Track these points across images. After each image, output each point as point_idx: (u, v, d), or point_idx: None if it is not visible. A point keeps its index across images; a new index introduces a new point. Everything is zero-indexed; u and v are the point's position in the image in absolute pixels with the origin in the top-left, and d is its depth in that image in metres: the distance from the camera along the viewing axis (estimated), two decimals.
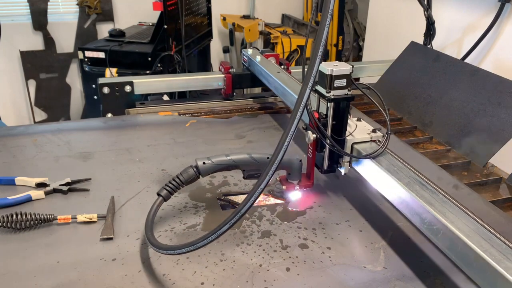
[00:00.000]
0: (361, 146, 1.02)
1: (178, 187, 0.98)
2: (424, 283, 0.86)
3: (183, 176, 0.98)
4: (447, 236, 0.75)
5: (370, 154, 0.97)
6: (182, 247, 0.80)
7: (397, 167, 0.94)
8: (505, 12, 1.88)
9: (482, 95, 1.43)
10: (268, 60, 1.66)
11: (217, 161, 0.99)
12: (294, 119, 0.80)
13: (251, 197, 0.78)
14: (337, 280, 0.86)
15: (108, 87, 1.61)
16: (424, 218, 0.80)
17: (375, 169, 0.96)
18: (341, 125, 1.03)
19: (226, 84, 1.71)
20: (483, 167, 1.33)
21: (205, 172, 0.99)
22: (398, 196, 0.88)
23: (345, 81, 1.00)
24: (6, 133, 1.44)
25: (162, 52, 3.03)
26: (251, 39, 3.97)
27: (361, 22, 4.27)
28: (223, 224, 0.78)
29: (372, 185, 0.99)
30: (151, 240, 0.86)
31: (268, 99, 1.78)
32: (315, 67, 0.79)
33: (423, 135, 1.54)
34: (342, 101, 1.01)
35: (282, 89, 1.42)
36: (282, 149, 0.79)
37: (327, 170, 1.08)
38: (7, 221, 0.95)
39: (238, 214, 0.77)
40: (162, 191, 0.97)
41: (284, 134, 0.79)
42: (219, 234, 0.78)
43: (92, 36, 3.99)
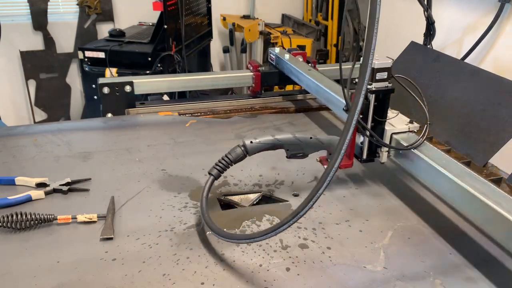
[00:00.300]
0: (400, 136, 1.09)
1: (228, 166, 1.01)
2: (424, 283, 0.86)
3: (231, 155, 1.02)
4: (504, 226, 0.78)
5: (412, 145, 1.03)
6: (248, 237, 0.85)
7: (443, 158, 1.00)
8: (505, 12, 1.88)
9: (482, 95, 1.43)
10: (296, 58, 1.69)
11: (263, 140, 1.04)
12: (355, 111, 0.81)
13: (323, 183, 0.79)
14: (337, 280, 0.86)
15: (108, 87, 1.61)
16: (478, 208, 0.83)
17: (419, 159, 1.01)
18: (381, 116, 1.09)
19: (255, 82, 1.74)
20: (483, 167, 1.33)
21: (252, 151, 1.03)
22: (448, 186, 0.93)
23: (386, 74, 1.06)
24: (6, 133, 1.44)
25: (162, 52, 3.03)
26: (251, 39, 3.97)
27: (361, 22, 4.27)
28: (303, 205, 0.78)
29: (414, 175, 1.04)
30: (209, 223, 0.91)
31: (297, 96, 1.82)
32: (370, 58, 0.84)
33: None
34: (383, 92, 1.07)
35: (315, 86, 1.45)
36: (350, 131, 0.80)
37: (366, 160, 1.13)
38: (7, 221, 0.95)
39: (316, 196, 0.78)
40: (213, 170, 1.00)
41: (347, 123, 0.81)
42: (299, 216, 0.79)
43: (92, 36, 3.98)
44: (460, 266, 0.90)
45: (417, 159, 1.02)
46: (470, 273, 0.89)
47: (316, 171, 1.25)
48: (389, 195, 1.15)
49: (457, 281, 0.86)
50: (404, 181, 1.22)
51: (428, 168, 0.99)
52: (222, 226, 1.00)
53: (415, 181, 1.22)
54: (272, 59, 1.79)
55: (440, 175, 0.95)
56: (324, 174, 0.79)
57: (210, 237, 0.97)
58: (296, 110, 1.72)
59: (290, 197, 1.13)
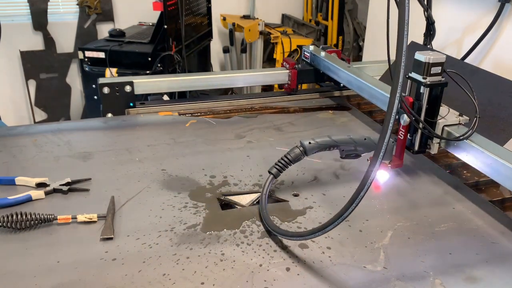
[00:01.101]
0: (451, 128, 1.14)
1: (287, 165, 1.07)
2: (424, 283, 0.86)
3: (290, 156, 1.07)
4: None
5: (463, 135, 1.08)
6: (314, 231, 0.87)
7: (495, 147, 1.06)
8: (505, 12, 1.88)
9: (482, 95, 1.43)
10: (332, 56, 1.73)
11: (321, 141, 1.09)
12: (392, 109, 0.84)
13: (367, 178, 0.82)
14: (337, 280, 0.86)
15: (108, 87, 1.61)
16: None
17: (472, 148, 1.08)
18: (434, 109, 1.14)
19: (291, 79, 1.77)
20: None
21: (310, 151, 1.08)
22: (505, 172, 0.99)
23: (440, 69, 1.11)
24: (6, 133, 1.44)
25: (162, 52, 3.03)
26: (251, 39, 3.98)
27: (361, 22, 4.27)
28: (350, 203, 0.83)
29: (469, 163, 1.10)
30: (267, 220, 0.97)
31: (334, 93, 1.85)
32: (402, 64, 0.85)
33: None
34: (437, 86, 1.12)
35: (357, 82, 1.51)
36: (388, 132, 0.83)
37: (418, 151, 1.18)
38: (7, 221, 0.95)
39: (361, 194, 0.83)
40: (273, 169, 1.06)
41: (385, 121, 0.83)
42: (348, 213, 0.83)
43: (92, 36, 3.99)
44: (460, 266, 0.90)
45: (470, 149, 1.08)
46: (470, 273, 0.89)
47: (316, 171, 1.25)
48: (389, 195, 1.15)
49: (457, 281, 0.86)
50: (404, 181, 1.22)
51: (482, 156, 1.05)
52: (222, 226, 1.00)
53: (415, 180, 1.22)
54: (307, 56, 1.83)
55: (496, 162, 1.02)
56: (365, 175, 0.82)
57: (210, 237, 0.97)
58: (296, 110, 1.72)
59: (290, 197, 1.13)
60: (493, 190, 1.24)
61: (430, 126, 1.13)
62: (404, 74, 0.88)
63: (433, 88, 1.11)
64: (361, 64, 2.03)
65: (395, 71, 0.87)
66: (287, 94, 1.81)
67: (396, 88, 0.84)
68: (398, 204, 1.12)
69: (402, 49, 0.84)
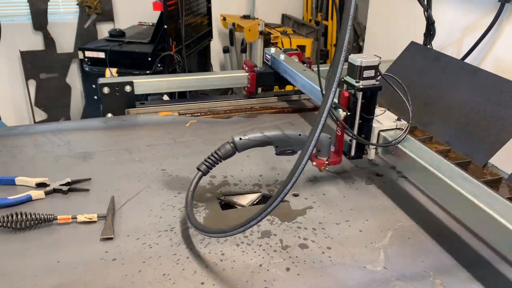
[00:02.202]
0: (388, 133, 1.10)
1: (217, 162, 1.03)
2: (424, 283, 0.86)
3: (221, 151, 1.03)
4: (494, 227, 0.77)
5: (394, 140, 1.05)
6: (232, 228, 0.83)
7: (427, 152, 1.02)
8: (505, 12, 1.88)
9: (482, 95, 1.43)
10: (292, 59, 1.69)
11: (252, 137, 1.05)
12: (325, 107, 0.82)
13: (291, 178, 0.79)
14: (337, 280, 0.86)
15: (108, 87, 1.61)
16: (470, 211, 0.83)
17: (404, 154, 1.03)
18: (369, 113, 1.10)
19: (250, 82, 1.74)
20: (483, 167, 1.33)
21: (241, 147, 1.04)
22: (430, 180, 0.94)
23: (373, 72, 1.06)
24: (6, 133, 1.44)
25: (162, 52, 3.03)
26: (251, 39, 3.97)
27: (361, 22, 4.27)
28: (267, 206, 0.80)
29: (401, 170, 1.08)
30: (190, 218, 0.92)
31: (292, 96, 1.82)
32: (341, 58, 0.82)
33: (423, 135, 1.53)
34: (371, 90, 1.08)
35: (310, 86, 1.45)
36: (317, 130, 0.81)
37: (354, 156, 1.15)
38: (7, 221, 0.95)
39: (282, 194, 0.80)
40: (201, 166, 1.02)
41: (318, 117, 0.81)
42: (267, 213, 0.81)
43: (92, 36, 3.98)
44: (460, 266, 0.90)
45: (402, 155, 1.04)
46: (470, 272, 0.89)
47: (316, 171, 1.25)
48: (389, 195, 1.15)
49: (457, 281, 0.86)
50: (404, 181, 1.22)
51: (412, 162, 1.00)
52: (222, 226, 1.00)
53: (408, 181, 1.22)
54: (268, 59, 1.79)
55: (423, 168, 0.97)
56: (292, 170, 0.79)
57: (210, 237, 0.97)
58: (296, 110, 1.72)
59: (290, 197, 1.13)
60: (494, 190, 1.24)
61: (365, 130, 1.10)
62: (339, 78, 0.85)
63: (366, 92, 1.07)
64: None
65: (330, 74, 0.84)
66: (248, 97, 1.77)
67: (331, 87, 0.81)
68: (398, 204, 1.12)
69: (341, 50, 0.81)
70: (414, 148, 1.03)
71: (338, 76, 0.81)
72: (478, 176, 1.29)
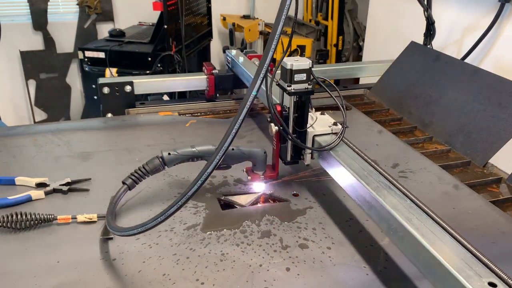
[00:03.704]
0: (322, 138, 1.07)
1: (144, 176, 1.02)
2: (424, 283, 0.85)
3: (148, 166, 1.02)
4: (411, 244, 0.74)
5: (328, 145, 1.02)
6: (134, 228, 0.84)
7: (355, 158, 0.98)
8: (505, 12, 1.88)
9: (482, 95, 1.43)
10: (251, 62, 1.65)
11: (182, 151, 1.03)
12: (243, 109, 0.84)
13: (196, 181, 0.81)
14: (337, 280, 0.86)
15: (108, 87, 1.61)
16: (390, 224, 0.79)
17: (333, 159, 1.00)
18: (302, 118, 1.07)
19: (209, 85, 1.68)
20: (483, 167, 1.33)
21: (170, 162, 1.03)
22: (362, 196, 0.89)
23: (305, 76, 1.03)
24: (6, 133, 1.44)
25: (162, 52, 3.03)
26: (251, 39, 3.97)
27: (361, 22, 4.27)
28: (172, 205, 0.81)
29: (333, 177, 1.02)
30: (110, 223, 0.91)
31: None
32: (267, 61, 0.84)
33: (423, 135, 1.54)
34: (303, 94, 1.04)
35: (262, 91, 1.41)
36: (228, 139, 0.83)
37: (290, 162, 1.12)
38: (7, 221, 0.95)
39: (185, 197, 0.80)
40: (127, 180, 1.01)
41: (232, 123, 0.83)
42: (167, 215, 0.81)
43: (92, 36, 3.98)
44: None
45: (331, 160, 1.01)
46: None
47: (316, 170, 1.25)
48: None
49: None
50: (404, 180, 1.22)
51: (340, 170, 0.97)
52: (222, 226, 1.00)
53: None
54: (228, 61, 1.74)
55: (350, 177, 0.93)
56: (193, 182, 0.81)
57: (210, 237, 0.97)
58: None
59: (290, 196, 1.13)
60: (493, 190, 1.24)
61: (300, 135, 1.07)
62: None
63: (299, 96, 1.04)
64: (361, 64, 2.03)
65: (257, 68, 0.84)
66: (207, 100, 1.72)
67: (250, 92, 0.82)
68: None
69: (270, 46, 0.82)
70: (345, 155, 0.99)
71: (261, 77, 0.82)
72: (478, 176, 1.29)
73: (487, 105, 1.40)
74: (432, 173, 1.26)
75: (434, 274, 0.69)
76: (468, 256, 0.68)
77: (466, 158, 1.37)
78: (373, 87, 1.87)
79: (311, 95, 1.05)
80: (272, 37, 0.83)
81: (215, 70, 1.69)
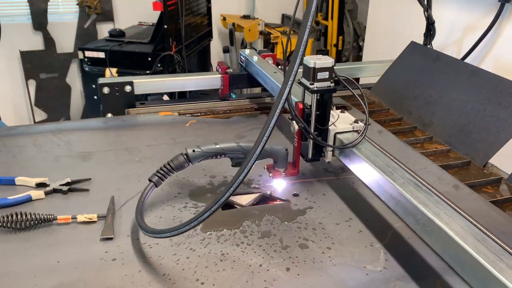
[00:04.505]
0: (344, 136, 1.07)
1: (169, 173, 1.02)
2: (424, 283, 0.86)
3: (173, 163, 1.03)
4: (440, 238, 0.75)
5: (350, 143, 1.02)
6: (166, 231, 0.84)
7: (379, 155, 0.99)
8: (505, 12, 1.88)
9: (482, 95, 1.43)
10: (265, 61, 1.66)
11: (206, 148, 1.04)
12: (276, 110, 0.82)
13: (231, 186, 0.80)
14: (337, 280, 0.86)
15: (108, 87, 1.61)
16: (418, 219, 0.80)
17: (356, 156, 1.01)
18: (324, 115, 1.07)
19: (223, 84, 1.71)
20: (483, 167, 1.33)
21: (194, 159, 1.04)
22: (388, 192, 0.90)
23: (327, 74, 1.04)
24: (6, 133, 1.44)
25: (162, 52, 3.03)
26: (251, 39, 3.97)
27: (361, 22, 4.27)
28: (205, 211, 0.80)
29: (356, 174, 1.03)
30: (141, 224, 0.90)
31: (265, 99, 1.79)
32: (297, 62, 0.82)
33: (423, 135, 1.54)
34: (325, 92, 1.05)
35: (278, 89, 1.42)
36: (263, 140, 0.81)
37: (311, 159, 1.13)
38: (7, 221, 0.95)
39: (218, 203, 0.79)
40: (154, 177, 1.01)
41: (265, 125, 0.81)
42: (200, 220, 0.80)
43: (92, 36, 3.99)
44: None
45: (356, 158, 1.02)
46: None
47: (316, 171, 1.25)
48: None
49: (457, 281, 0.86)
50: None
51: (364, 167, 0.98)
52: (222, 226, 1.00)
53: None
54: (242, 61, 1.76)
55: (375, 174, 0.94)
56: (232, 179, 0.80)
57: (210, 237, 0.97)
58: None
59: (290, 196, 1.13)
60: (493, 190, 1.24)
61: (321, 133, 1.08)
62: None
63: (321, 94, 1.05)
64: (361, 64, 2.03)
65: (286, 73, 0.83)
66: (221, 99, 1.74)
67: (282, 93, 0.81)
68: None
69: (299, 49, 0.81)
70: (369, 152, 1.00)
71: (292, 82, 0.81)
72: (478, 176, 1.29)
73: (487, 105, 1.40)
74: (432, 173, 1.26)
75: (465, 267, 0.70)
76: (498, 249, 0.69)
77: (466, 158, 1.37)
78: (373, 87, 1.87)
79: (333, 93, 1.07)
80: (299, 43, 0.82)
81: (230, 69, 1.71)
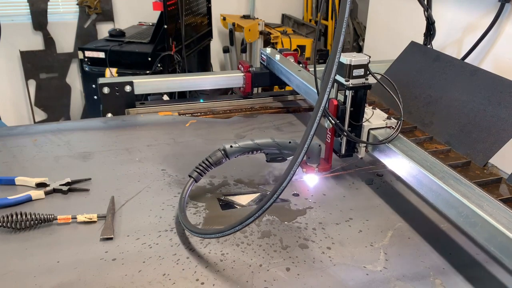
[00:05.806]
0: (377, 132, 1.10)
1: (207, 168, 1.05)
2: (424, 283, 0.86)
3: (212, 159, 1.05)
4: (485, 229, 0.77)
5: (386, 139, 1.05)
6: (211, 233, 0.88)
7: (416, 151, 1.01)
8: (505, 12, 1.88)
9: (482, 95, 1.43)
10: (287, 59, 1.69)
11: (243, 144, 1.07)
12: (318, 111, 0.83)
13: (280, 185, 0.80)
14: (337, 280, 0.86)
15: (108, 87, 1.61)
16: (461, 211, 0.83)
17: (392, 152, 1.03)
18: (358, 112, 1.10)
19: (245, 82, 1.74)
20: (483, 167, 1.33)
21: (232, 154, 1.06)
22: (416, 178, 0.93)
23: (363, 71, 1.07)
24: (6, 133, 1.44)
25: (162, 52, 3.03)
26: (251, 39, 3.97)
27: (361, 22, 4.27)
28: (256, 210, 0.81)
29: (392, 169, 1.06)
30: (184, 223, 0.93)
31: (287, 97, 1.81)
32: (334, 68, 0.82)
33: (423, 135, 1.53)
34: (360, 89, 1.08)
35: (304, 87, 1.46)
36: (308, 138, 0.83)
37: (345, 155, 1.15)
38: (7, 221, 0.95)
39: (270, 201, 0.80)
40: (193, 173, 1.04)
41: (309, 125, 0.83)
42: (254, 218, 0.81)
43: (92, 36, 3.99)
44: (461, 266, 0.90)
45: (392, 154, 1.04)
46: (470, 273, 0.89)
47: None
48: (389, 195, 1.15)
49: (457, 281, 0.86)
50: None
51: (401, 162, 1.01)
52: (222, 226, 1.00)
53: None
54: (263, 59, 1.80)
55: (409, 166, 0.97)
56: (281, 178, 0.80)
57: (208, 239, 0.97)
58: (296, 110, 1.72)
59: (290, 196, 1.13)
60: (493, 190, 1.24)
61: (355, 129, 1.10)
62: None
63: (356, 90, 1.08)
64: None
65: (325, 71, 0.84)
66: (243, 97, 1.77)
67: (323, 94, 0.82)
68: (398, 204, 1.12)
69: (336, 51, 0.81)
70: (406, 148, 1.03)
71: (331, 80, 0.81)
72: (478, 176, 1.29)
73: (487, 105, 1.40)
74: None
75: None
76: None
77: (466, 158, 1.37)
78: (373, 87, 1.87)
79: (368, 89, 1.09)
80: (335, 48, 0.82)
81: (252, 67, 1.74)
